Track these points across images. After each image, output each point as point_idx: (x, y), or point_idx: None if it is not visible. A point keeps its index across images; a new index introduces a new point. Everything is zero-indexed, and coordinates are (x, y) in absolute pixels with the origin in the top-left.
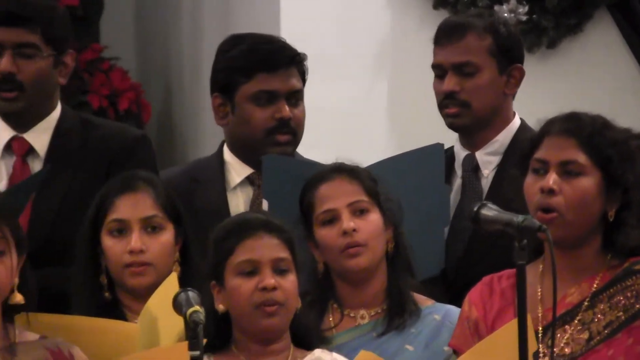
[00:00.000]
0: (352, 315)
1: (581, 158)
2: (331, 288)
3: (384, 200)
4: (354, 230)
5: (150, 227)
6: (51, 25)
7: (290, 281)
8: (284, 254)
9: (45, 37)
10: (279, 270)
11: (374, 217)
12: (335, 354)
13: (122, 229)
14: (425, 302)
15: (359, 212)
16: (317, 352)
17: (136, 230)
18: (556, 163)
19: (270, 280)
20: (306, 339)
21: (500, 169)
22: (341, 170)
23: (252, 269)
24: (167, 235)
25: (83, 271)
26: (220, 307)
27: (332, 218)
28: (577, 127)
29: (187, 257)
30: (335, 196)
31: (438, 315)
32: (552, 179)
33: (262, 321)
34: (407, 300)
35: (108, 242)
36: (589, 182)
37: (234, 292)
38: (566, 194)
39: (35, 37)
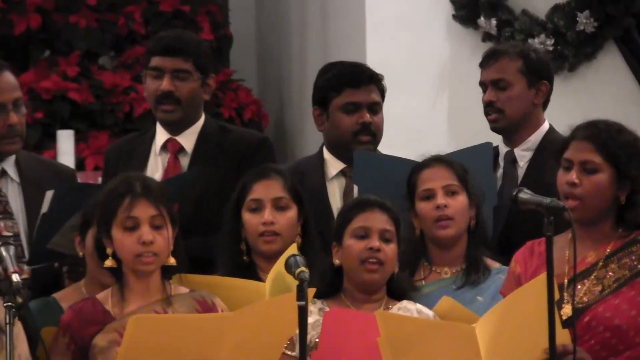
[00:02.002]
0: (437, 271)
1: (597, 158)
2: (423, 249)
3: (471, 187)
4: (445, 206)
5: (279, 206)
6: (199, 56)
7: (391, 249)
8: (390, 227)
9: (195, 65)
10: (384, 238)
11: (462, 198)
12: (418, 305)
13: (257, 207)
14: (494, 264)
15: (450, 193)
16: (405, 302)
17: (268, 207)
18: (578, 162)
19: (376, 243)
20: (397, 292)
21: (532, 161)
22: (441, 160)
23: (364, 234)
24: (292, 213)
25: (228, 240)
26: (336, 262)
27: (429, 195)
28: (594, 134)
29: (306, 232)
30: (434, 179)
31: (502, 275)
32: (574, 175)
33: (365, 275)
34: (480, 263)
35: (247, 216)
36: (602, 177)
37: (348, 249)
38: (585, 186)
39: (188, 65)
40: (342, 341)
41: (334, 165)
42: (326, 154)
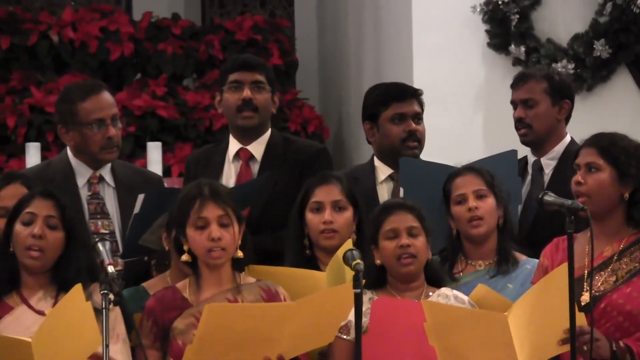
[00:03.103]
0: (472, 264)
1: (599, 160)
2: (460, 246)
3: (499, 190)
4: (476, 207)
5: (337, 207)
6: (269, 72)
7: (420, 241)
8: (415, 223)
9: (267, 78)
10: (412, 234)
11: (490, 201)
12: (455, 291)
13: (318, 208)
14: (521, 256)
15: (480, 196)
16: (443, 289)
17: (328, 209)
18: (584, 164)
19: (405, 240)
20: (434, 278)
21: (556, 169)
22: (470, 169)
23: (394, 235)
24: (348, 214)
25: (293, 236)
26: (377, 262)
27: (462, 199)
28: (597, 140)
29: (361, 229)
30: (465, 185)
31: (529, 265)
32: (580, 175)
33: (402, 269)
34: (510, 255)
35: (310, 216)
36: (604, 175)
37: (383, 250)
38: (589, 183)
39: (262, 77)
40: (388, 326)
41: (383, 171)
42: (376, 162)
